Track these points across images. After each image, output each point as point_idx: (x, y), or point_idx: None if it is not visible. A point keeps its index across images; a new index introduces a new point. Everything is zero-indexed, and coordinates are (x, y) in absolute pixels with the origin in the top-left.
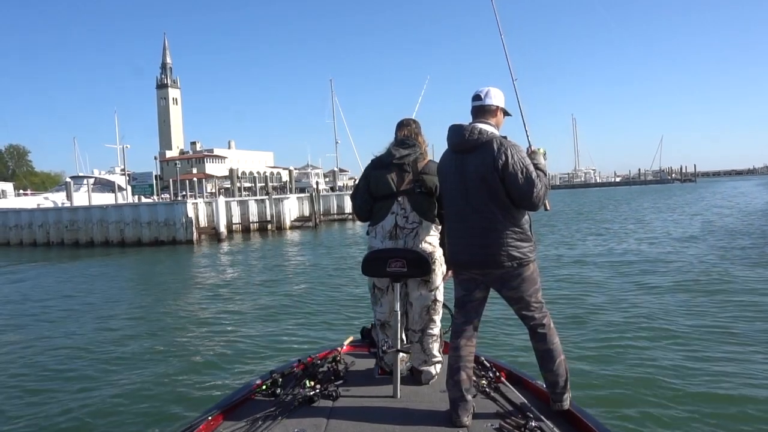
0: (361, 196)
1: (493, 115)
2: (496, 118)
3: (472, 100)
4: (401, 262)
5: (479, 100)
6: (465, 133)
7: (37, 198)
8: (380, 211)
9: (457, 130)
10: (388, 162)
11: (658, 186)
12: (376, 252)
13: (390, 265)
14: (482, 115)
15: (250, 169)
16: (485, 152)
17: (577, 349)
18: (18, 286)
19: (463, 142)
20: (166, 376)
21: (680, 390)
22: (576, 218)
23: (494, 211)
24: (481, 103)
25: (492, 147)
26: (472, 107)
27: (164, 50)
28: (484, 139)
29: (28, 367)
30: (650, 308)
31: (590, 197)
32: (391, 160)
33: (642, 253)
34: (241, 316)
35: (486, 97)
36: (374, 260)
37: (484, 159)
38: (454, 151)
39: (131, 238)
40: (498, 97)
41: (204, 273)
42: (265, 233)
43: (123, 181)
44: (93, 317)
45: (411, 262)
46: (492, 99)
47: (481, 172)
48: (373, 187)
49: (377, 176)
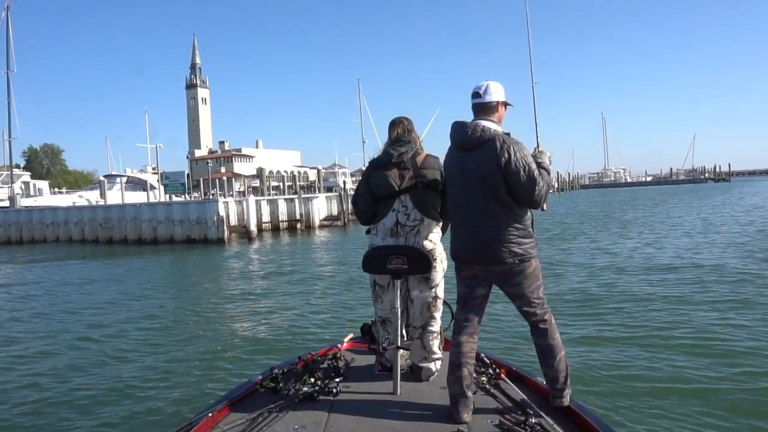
0: (364, 199)
1: (494, 111)
2: (497, 114)
3: (472, 97)
4: (402, 259)
5: (479, 97)
6: (467, 131)
7: (72, 196)
8: (382, 210)
9: (459, 127)
10: (387, 161)
11: (690, 186)
12: (376, 249)
13: (391, 262)
14: (483, 113)
15: (277, 169)
16: (487, 150)
17: (577, 346)
18: (60, 280)
19: (465, 140)
20: (167, 371)
21: (681, 387)
22: (603, 221)
23: (496, 209)
24: (481, 100)
25: (494, 145)
26: (473, 104)
27: (194, 51)
28: (487, 136)
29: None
30: (655, 305)
31: (618, 197)
32: (390, 159)
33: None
34: (256, 314)
35: (486, 94)
36: (375, 257)
37: (487, 157)
38: (457, 148)
39: (164, 236)
40: (498, 91)
41: (232, 271)
42: (294, 232)
43: (155, 179)
44: (108, 312)
45: (412, 259)
46: (492, 95)
47: (483, 169)
48: (374, 188)
49: (378, 177)
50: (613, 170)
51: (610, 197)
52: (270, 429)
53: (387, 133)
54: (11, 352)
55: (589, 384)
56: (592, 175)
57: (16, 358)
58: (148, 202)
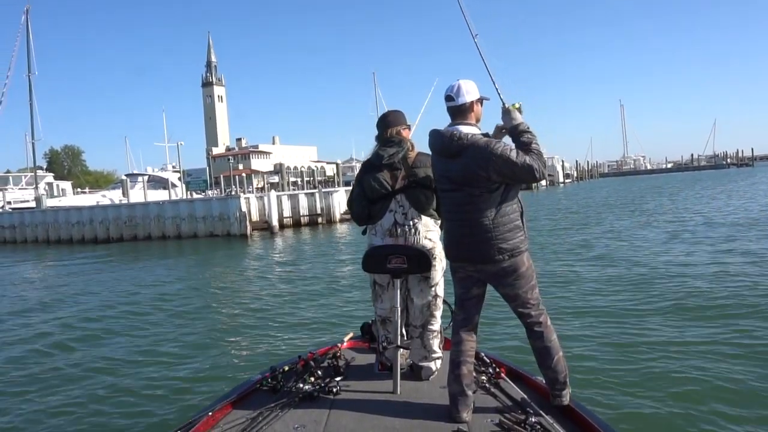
0: (358, 202)
1: (469, 111)
2: (473, 113)
3: (446, 101)
4: (402, 258)
5: (452, 100)
6: (444, 140)
7: (95, 196)
8: (379, 212)
9: (437, 137)
10: (379, 163)
11: (712, 172)
12: (376, 248)
13: (390, 261)
14: (459, 116)
15: (294, 164)
16: (468, 157)
17: (577, 344)
18: (91, 278)
19: (445, 149)
20: (167, 370)
21: (681, 386)
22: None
23: (481, 207)
24: (455, 103)
25: (475, 151)
26: (447, 108)
27: (209, 49)
28: (466, 143)
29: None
30: (658, 306)
31: (639, 185)
32: (381, 161)
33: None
34: (263, 311)
35: (458, 96)
36: (375, 256)
37: (469, 164)
38: (437, 156)
39: (187, 232)
40: (471, 91)
41: (251, 268)
42: (315, 227)
43: (175, 177)
44: (119, 309)
45: (412, 259)
46: (464, 96)
47: (466, 175)
48: (368, 190)
49: (370, 179)
50: (633, 158)
51: (628, 186)
52: (270, 428)
53: (376, 129)
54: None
55: (589, 383)
56: (611, 163)
57: (13, 358)
58: (170, 200)
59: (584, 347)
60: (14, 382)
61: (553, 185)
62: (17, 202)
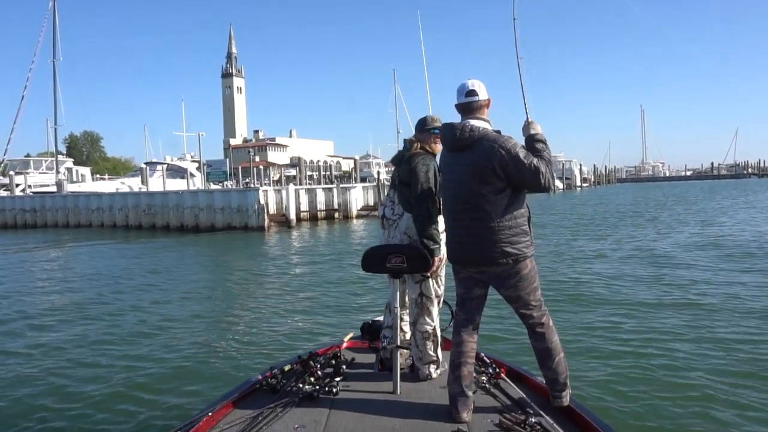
0: None
1: (482, 109)
2: (486, 111)
3: (457, 98)
4: (401, 258)
5: (464, 97)
6: (456, 132)
7: (114, 183)
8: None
9: (449, 129)
10: (394, 161)
11: (732, 181)
12: (375, 248)
13: (390, 260)
14: (471, 112)
15: (310, 158)
16: (478, 150)
17: (577, 344)
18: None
19: (455, 141)
20: (167, 369)
21: (682, 387)
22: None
23: (487, 209)
24: (471, 99)
25: (485, 144)
26: (460, 105)
27: (230, 40)
28: (477, 136)
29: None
30: (657, 304)
31: (656, 192)
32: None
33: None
34: (267, 309)
35: (472, 94)
36: (373, 256)
37: (478, 157)
38: (448, 150)
39: (205, 223)
40: (482, 89)
41: (266, 261)
42: (332, 221)
43: (194, 167)
44: (124, 303)
45: (410, 258)
46: (478, 94)
47: (474, 169)
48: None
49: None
50: (652, 164)
51: (644, 193)
52: (270, 428)
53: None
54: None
55: (589, 383)
56: (629, 168)
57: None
58: (189, 190)
59: (584, 348)
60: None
61: (570, 189)
62: (37, 186)
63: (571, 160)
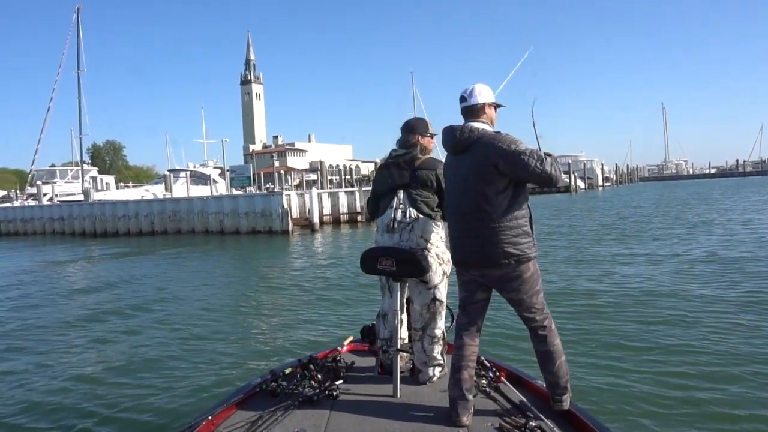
0: (372, 197)
1: (481, 113)
2: (485, 115)
3: (460, 102)
4: (391, 261)
5: (465, 101)
6: (456, 133)
7: (138, 190)
8: (383, 207)
9: (449, 131)
10: (389, 163)
11: (758, 178)
12: (370, 250)
13: (380, 263)
14: (471, 115)
15: (330, 162)
16: (478, 150)
17: (579, 348)
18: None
19: (456, 143)
20: (167, 372)
21: (683, 392)
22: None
23: (488, 210)
24: (467, 103)
25: (484, 143)
26: (461, 109)
27: (248, 47)
28: (476, 136)
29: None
30: (662, 310)
31: (681, 191)
32: (389, 160)
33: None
34: (273, 313)
35: (471, 97)
36: (368, 258)
37: (478, 157)
38: (450, 153)
39: (230, 228)
40: (484, 93)
41: (287, 265)
42: (355, 225)
43: (216, 174)
44: (138, 309)
45: (401, 261)
46: (477, 97)
47: (475, 170)
48: (375, 185)
49: (379, 175)
50: (674, 162)
51: (666, 192)
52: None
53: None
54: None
55: (590, 388)
56: (651, 167)
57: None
58: (213, 195)
59: (585, 350)
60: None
61: (591, 188)
62: (63, 195)
63: (592, 160)
